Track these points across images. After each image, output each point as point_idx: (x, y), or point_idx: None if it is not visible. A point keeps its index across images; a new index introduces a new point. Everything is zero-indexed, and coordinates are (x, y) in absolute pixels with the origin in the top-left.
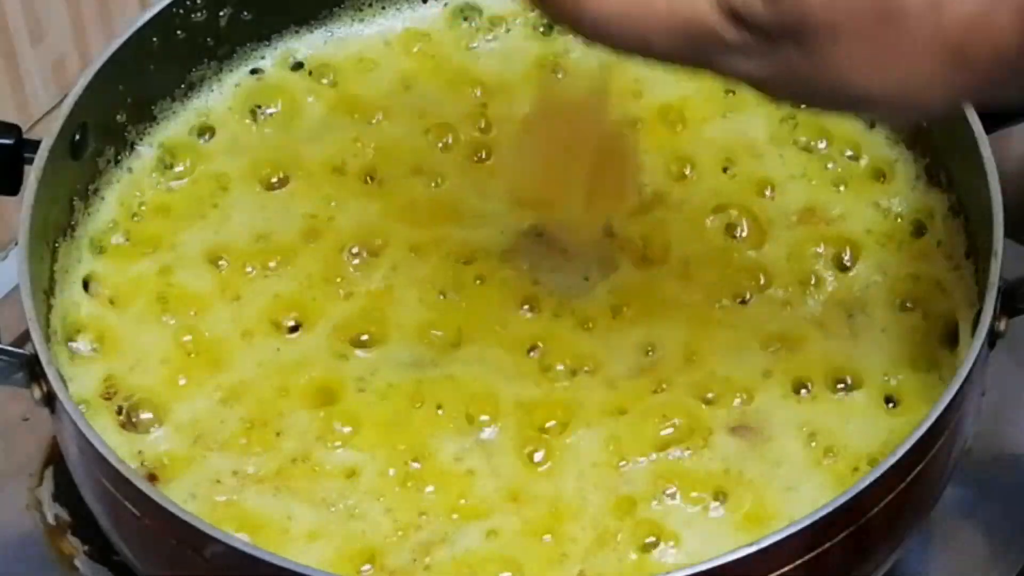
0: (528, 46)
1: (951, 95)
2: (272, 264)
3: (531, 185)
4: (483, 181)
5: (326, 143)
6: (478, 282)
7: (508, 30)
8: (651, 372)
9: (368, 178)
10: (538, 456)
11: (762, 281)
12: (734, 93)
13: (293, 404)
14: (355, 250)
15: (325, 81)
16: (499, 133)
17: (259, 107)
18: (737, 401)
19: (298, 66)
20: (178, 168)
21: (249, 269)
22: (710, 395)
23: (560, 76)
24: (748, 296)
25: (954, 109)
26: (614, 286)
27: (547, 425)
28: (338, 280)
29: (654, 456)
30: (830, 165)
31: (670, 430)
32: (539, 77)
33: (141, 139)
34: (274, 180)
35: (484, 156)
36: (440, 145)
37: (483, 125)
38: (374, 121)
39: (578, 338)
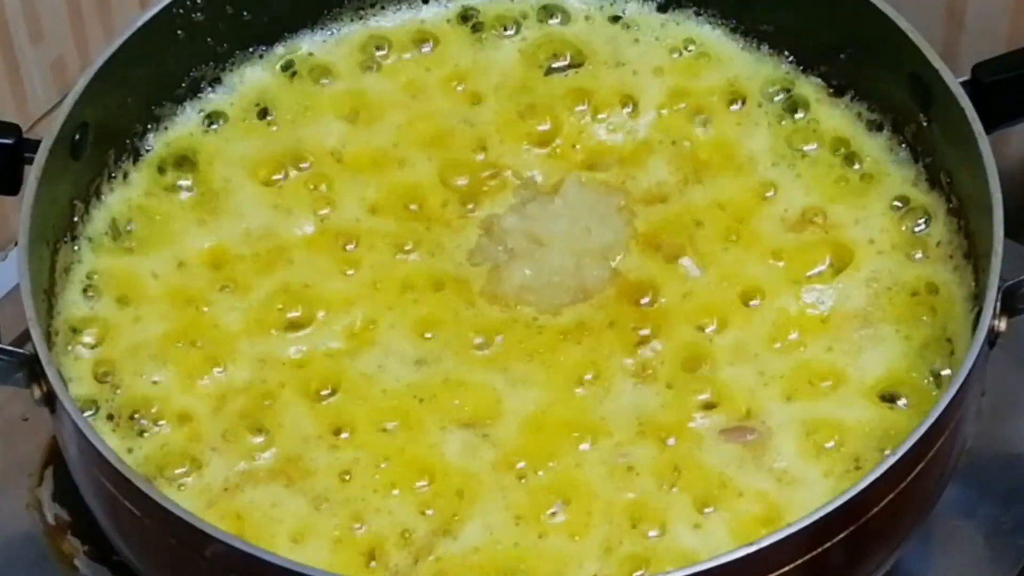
0: (528, 46)
1: None
2: (272, 262)
3: None
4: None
5: (326, 141)
6: (480, 282)
7: (509, 30)
8: (652, 374)
9: (368, 175)
10: (537, 458)
11: (763, 282)
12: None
13: (293, 402)
14: (356, 247)
15: (325, 80)
16: (496, 130)
17: (260, 106)
18: (737, 402)
19: (298, 65)
20: (180, 168)
21: (249, 267)
22: (711, 397)
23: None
24: (752, 299)
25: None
26: (615, 288)
27: (544, 426)
28: (338, 278)
29: (654, 456)
30: (830, 167)
31: (670, 431)
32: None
33: (141, 139)
34: (274, 178)
35: (483, 151)
36: (438, 142)
37: (481, 123)
38: (374, 119)
39: (577, 338)
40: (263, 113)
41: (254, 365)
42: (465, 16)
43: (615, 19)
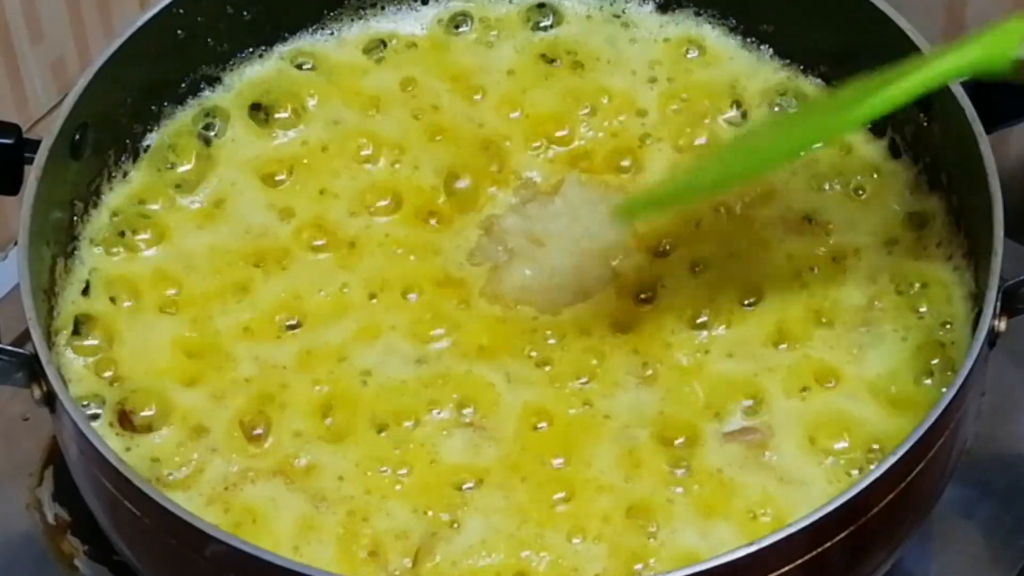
0: (528, 46)
1: None
2: (273, 262)
3: None
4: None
5: (327, 142)
6: (480, 282)
7: (508, 29)
8: (653, 374)
9: (369, 174)
10: (538, 457)
11: (762, 282)
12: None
13: (292, 403)
14: (356, 246)
15: (326, 80)
16: (496, 130)
17: (259, 106)
18: (738, 401)
19: (299, 66)
20: (179, 167)
21: (250, 267)
22: (712, 396)
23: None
24: (752, 299)
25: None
26: (615, 288)
27: (545, 426)
28: (339, 277)
29: (657, 456)
30: (829, 167)
31: (672, 430)
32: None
33: (141, 139)
34: (275, 178)
35: (484, 151)
36: (439, 141)
37: (481, 123)
38: (374, 119)
39: (578, 338)
40: (263, 113)
41: (254, 365)
42: (465, 15)
43: (615, 18)
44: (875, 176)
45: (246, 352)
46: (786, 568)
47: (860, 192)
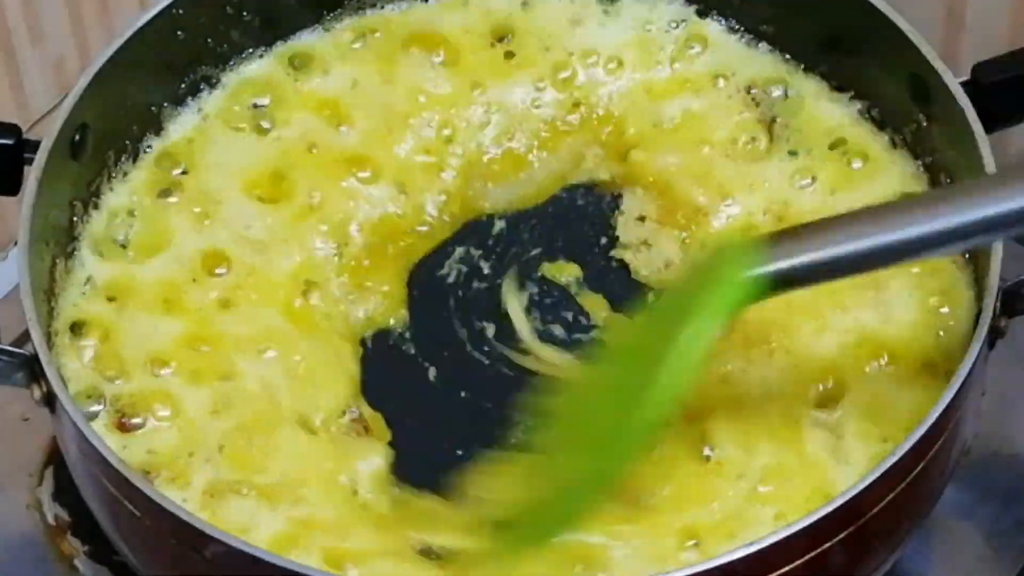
0: (527, 48)
1: None
2: (270, 272)
3: None
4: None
5: (327, 143)
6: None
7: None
8: None
9: (370, 178)
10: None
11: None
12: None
13: (288, 413)
14: (358, 251)
15: (326, 80)
16: (495, 133)
17: (259, 107)
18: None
19: (299, 66)
20: (179, 169)
21: (249, 274)
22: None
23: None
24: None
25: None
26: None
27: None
28: (340, 286)
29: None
30: (828, 167)
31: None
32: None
33: (141, 139)
34: (275, 181)
35: (487, 157)
36: (438, 141)
37: (479, 125)
38: (374, 121)
39: None
40: (262, 114)
41: (251, 373)
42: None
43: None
44: (874, 176)
45: (243, 360)
46: (786, 568)
47: (858, 191)
